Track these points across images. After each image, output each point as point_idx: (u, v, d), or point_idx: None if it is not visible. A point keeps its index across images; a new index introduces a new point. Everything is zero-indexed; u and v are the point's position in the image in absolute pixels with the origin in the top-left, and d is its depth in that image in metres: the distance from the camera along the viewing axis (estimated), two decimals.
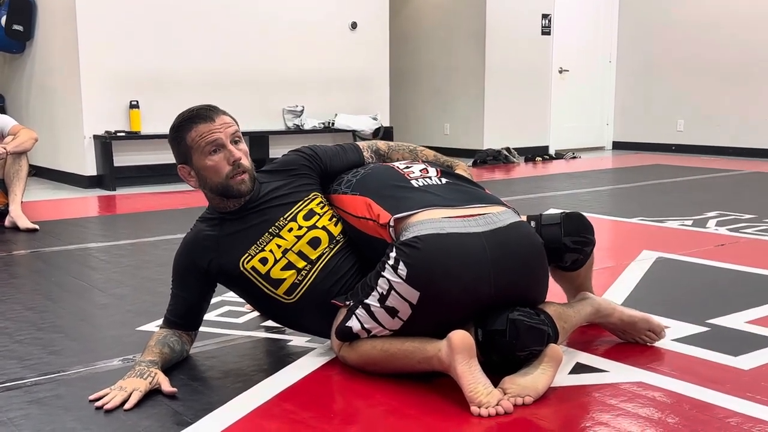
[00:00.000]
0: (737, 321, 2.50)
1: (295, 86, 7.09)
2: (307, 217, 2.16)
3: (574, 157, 8.60)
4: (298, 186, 2.22)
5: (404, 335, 1.97)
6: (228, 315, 2.59)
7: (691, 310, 2.61)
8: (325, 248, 2.15)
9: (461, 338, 1.81)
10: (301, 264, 2.11)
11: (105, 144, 6.15)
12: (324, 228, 2.16)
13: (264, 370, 2.08)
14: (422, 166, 2.24)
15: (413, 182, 2.14)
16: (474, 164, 7.75)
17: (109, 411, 1.80)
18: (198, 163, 2.08)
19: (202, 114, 2.08)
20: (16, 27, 6.64)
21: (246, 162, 2.10)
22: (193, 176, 2.12)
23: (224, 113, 2.12)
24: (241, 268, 2.11)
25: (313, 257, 2.12)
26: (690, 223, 4.33)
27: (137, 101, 6.25)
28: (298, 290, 2.11)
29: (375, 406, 1.87)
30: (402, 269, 1.89)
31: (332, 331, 2.08)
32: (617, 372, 2.04)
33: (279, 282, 2.10)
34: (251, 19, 6.73)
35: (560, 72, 9.01)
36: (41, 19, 6.61)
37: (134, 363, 2.01)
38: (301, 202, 2.18)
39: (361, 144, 2.41)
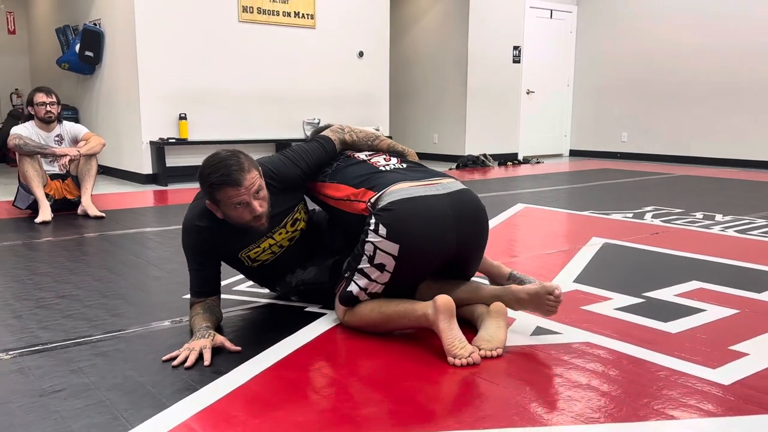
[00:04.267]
0: (667, 294, 2.51)
1: (313, 102, 7.07)
2: (292, 224, 2.23)
3: (538, 162, 8.59)
4: (291, 198, 2.20)
5: (393, 289, 1.99)
6: (254, 286, 2.59)
7: (631, 285, 2.62)
8: (295, 241, 2.24)
9: (445, 302, 1.84)
10: (276, 251, 2.21)
11: (159, 148, 6.16)
12: (300, 229, 2.25)
13: (284, 331, 2.08)
14: (384, 156, 2.26)
15: (381, 168, 2.16)
16: (457, 167, 7.75)
17: (189, 368, 1.77)
18: (225, 210, 1.98)
19: (229, 180, 1.91)
20: (87, 53, 6.64)
21: (265, 208, 2.00)
22: (219, 211, 2.00)
23: (249, 170, 1.95)
24: (239, 256, 2.18)
25: (285, 246, 2.22)
26: (631, 215, 4.33)
27: (185, 113, 6.25)
28: (265, 263, 2.22)
29: (374, 359, 1.88)
30: (382, 229, 1.92)
31: (336, 300, 2.09)
32: (569, 334, 2.05)
33: (257, 261, 2.21)
34: (279, 47, 6.72)
35: (528, 93, 8.99)
36: (108, 46, 6.60)
37: (195, 331, 1.94)
38: (291, 213, 2.21)
39: (331, 136, 2.30)
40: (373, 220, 1.95)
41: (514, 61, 8.78)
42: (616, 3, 8.76)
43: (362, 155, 2.27)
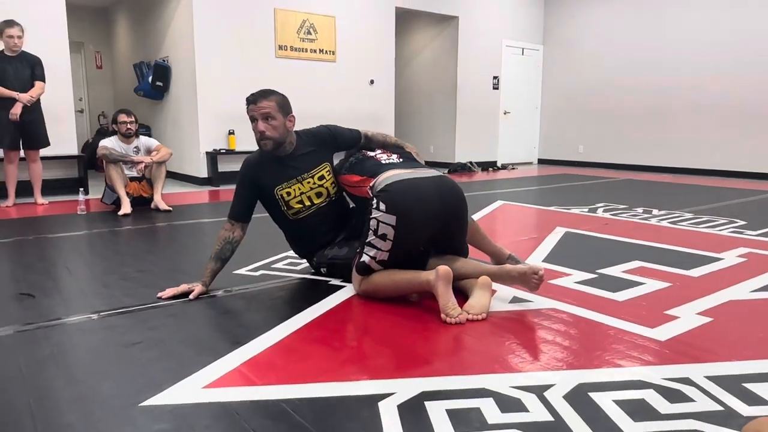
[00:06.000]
0: (615, 271, 2.50)
1: (333, 120, 6.97)
2: (320, 178, 2.26)
3: (513, 168, 8.54)
4: (321, 155, 2.30)
5: (396, 257, 1.99)
6: (290, 264, 2.61)
7: (587, 264, 2.61)
8: (323, 200, 2.26)
9: (445, 270, 1.85)
10: (307, 203, 2.24)
11: (213, 157, 6.17)
12: (326, 188, 2.27)
13: (313, 299, 2.09)
14: (387, 153, 2.28)
15: (382, 161, 2.19)
16: (448, 172, 7.72)
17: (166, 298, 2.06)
18: (252, 123, 2.18)
19: (251, 99, 2.15)
20: (158, 83, 6.65)
21: (271, 133, 2.15)
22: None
23: (269, 98, 2.14)
24: (275, 193, 2.21)
25: (314, 202, 2.24)
26: (586, 210, 4.31)
27: (233, 130, 6.26)
28: (297, 215, 2.24)
29: (383, 320, 1.89)
30: (382, 206, 1.96)
31: (353, 272, 2.10)
32: (539, 302, 2.06)
33: (292, 208, 2.23)
34: (307, 77, 6.71)
35: (505, 113, 8.94)
36: (174, 78, 6.61)
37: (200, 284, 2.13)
38: (319, 167, 2.27)
39: (361, 130, 2.46)
40: (374, 200, 1.99)
41: (494, 88, 8.74)
42: (573, 44, 8.71)
43: (371, 153, 2.29)
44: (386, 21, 7.32)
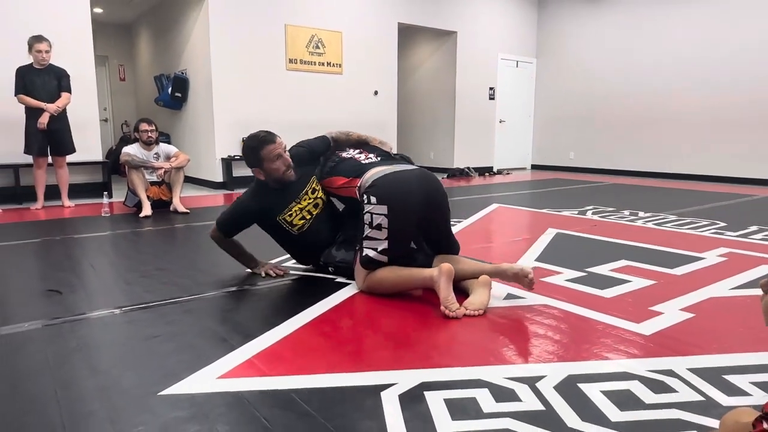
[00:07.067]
0: (604, 269, 2.49)
1: (340, 128, 7.07)
2: (312, 192, 2.31)
3: (508, 173, 8.52)
4: (306, 172, 2.34)
5: (394, 247, 1.99)
6: (297, 263, 2.60)
7: (576, 263, 2.60)
8: (320, 208, 2.31)
9: (447, 268, 1.86)
10: (308, 216, 2.28)
11: (227, 163, 6.18)
12: (320, 197, 2.33)
13: (319, 296, 2.09)
14: (365, 153, 2.30)
15: (362, 161, 2.22)
16: (447, 177, 7.72)
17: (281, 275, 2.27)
18: (267, 165, 2.20)
19: (269, 139, 2.20)
20: (177, 94, 6.67)
21: (290, 161, 2.24)
22: (261, 173, 2.23)
23: (278, 136, 2.23)
24: (277, 219, 2.27)
25: (314, 213, 2.30)
26: (576, 212, 4.30)
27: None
28: (303, 229, 2.28)
29: (385, 316, 1.88)
30: (373, 199, 1.99)
31: (356, 269, 2.10)
32: (532, 299, 2.05)
33: (295, 225, 2.27)
34: (316, 88, 6.72)
35: (500, 122, 8.93)
36: (192, 89, 6.63)
37: (256, 260, 2.38)
38: (309, 184, 2.32)
39: (329, 135, 2.49)
40: (365, 196, 2.02)
41: (490, 98, 8.74)
42: (565, 58, 8.70)
43: (346, 154, 2.32)
44: (389, 36, 7.33)
